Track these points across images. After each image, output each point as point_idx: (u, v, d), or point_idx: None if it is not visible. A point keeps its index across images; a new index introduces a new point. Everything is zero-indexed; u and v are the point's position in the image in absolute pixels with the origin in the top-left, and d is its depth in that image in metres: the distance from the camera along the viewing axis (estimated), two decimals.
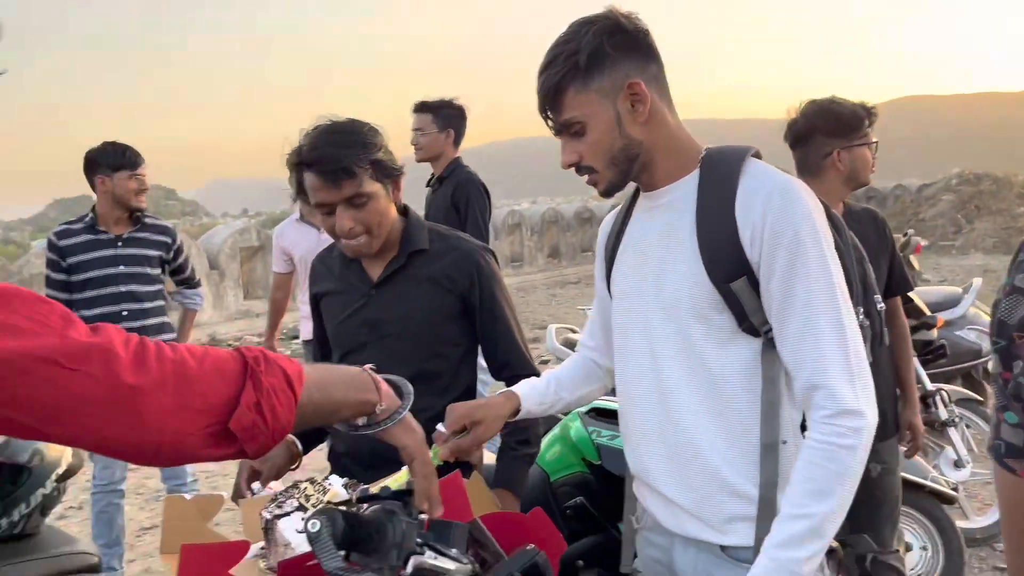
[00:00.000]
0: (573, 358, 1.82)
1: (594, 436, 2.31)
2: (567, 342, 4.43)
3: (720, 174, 1.38)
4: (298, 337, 8.48)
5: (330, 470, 2.01)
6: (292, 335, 8.82)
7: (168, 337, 3.65)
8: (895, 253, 2.72)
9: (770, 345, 1.38)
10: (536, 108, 1.46)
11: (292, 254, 4.28)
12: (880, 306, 1.67)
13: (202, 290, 4.08)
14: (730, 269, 1.35)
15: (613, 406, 2.31)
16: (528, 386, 1.72)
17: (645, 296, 1.47)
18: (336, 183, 1.79)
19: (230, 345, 10.01)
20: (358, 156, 1.79)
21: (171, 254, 3.71)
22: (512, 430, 1.99)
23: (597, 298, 1.72)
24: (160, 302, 3.65)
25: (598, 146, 1.40)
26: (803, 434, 1.39)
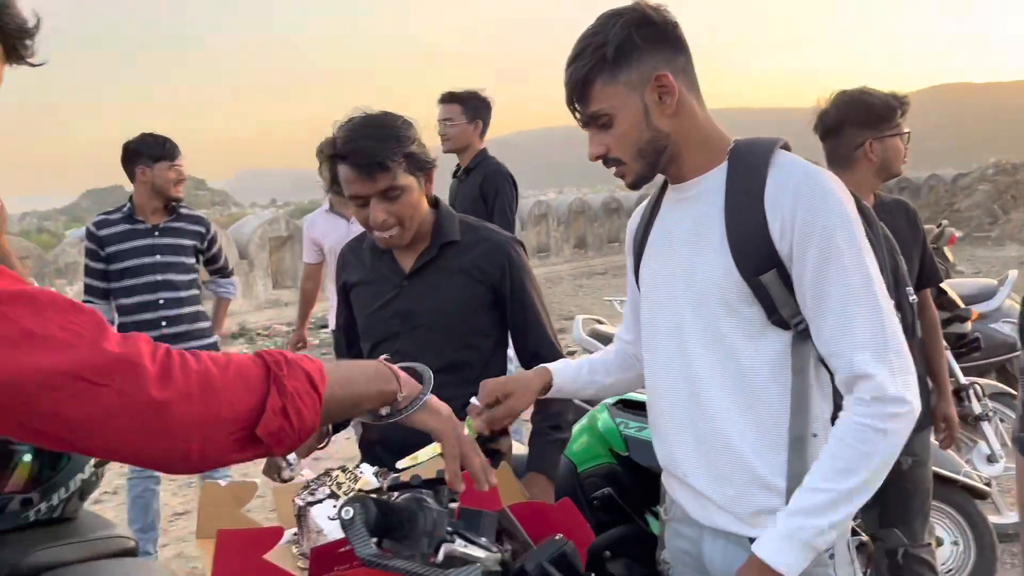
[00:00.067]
0: (610, 347, 1.83)
1: (622, 427, 2.31)
2: (594, 333, 4.43)
3: (748, 166, 1.38)
4: (327, 326, 8.56)
5: (361, 458, 2.04)
6: (320, 324, 8.90)
7: (203, 325, 3.72)
8: (926, 245, 2.70)
9: (800, 338, 1.37)
10: (562, 98, 1.46)
11: (322, 244, 4.32)
12: (912, 298, 1.66)
13: (235, 279, 4.14)
14: (759, 262, 1.35)
15: (641, 398, 2.31)
16: (561, 364, 1.75)
17: (674, 289, 1.47)
18: (371, 176, 1.81)
19: (259, 334, 10.13)
20: (392, 149, 1.80)
21: (205, 244, 3.77)
22: (544, 416, 2.01)
23: (629, 291, 1.73)
24: (195, 291, 3.70)
25: (625, 138, 1.40)
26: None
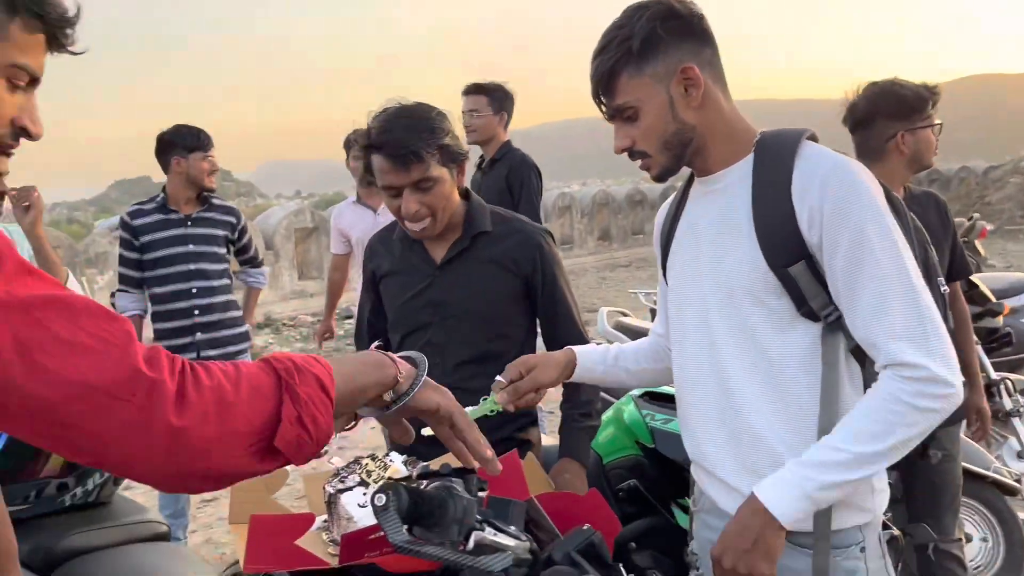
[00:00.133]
0: (644, 338, 1.83)
1: (648, 419, 2.31)
2: (619, 325, 4.43)
3: (775, 158, 1.37)
4: (351, 317, 8.62)
5: (389, 447, 2.06)
6: (345, 315, 8.96)
7: (235, 315, 3.76)
8: (956, 237, 2.67)
9: (830, 329, 1.37)
10: (586, 89, 1.47)
11: (349, 235, 4.35)
12: (944, 289, 1.64)
13: (265, 269, 4.19)
14: (788, 253, 1.34)
15: (667, 390, 2.31)
16: (586, 347, 1.76)
17: (702, 282, 1.47)
18: (405, 167, 1.82)
19: (284, 324, 10.21)
20: (427, 141, 1.81)
21: (236, 234, 3.81)
22: (573, 403, 2.02)
23: (660, 285, 1.73)
24: (227, 280, 3.75)
25: (651, 131, 1.40)
26: None
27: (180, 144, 3.58)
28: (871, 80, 2.56)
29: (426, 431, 1.48)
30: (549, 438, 2.21)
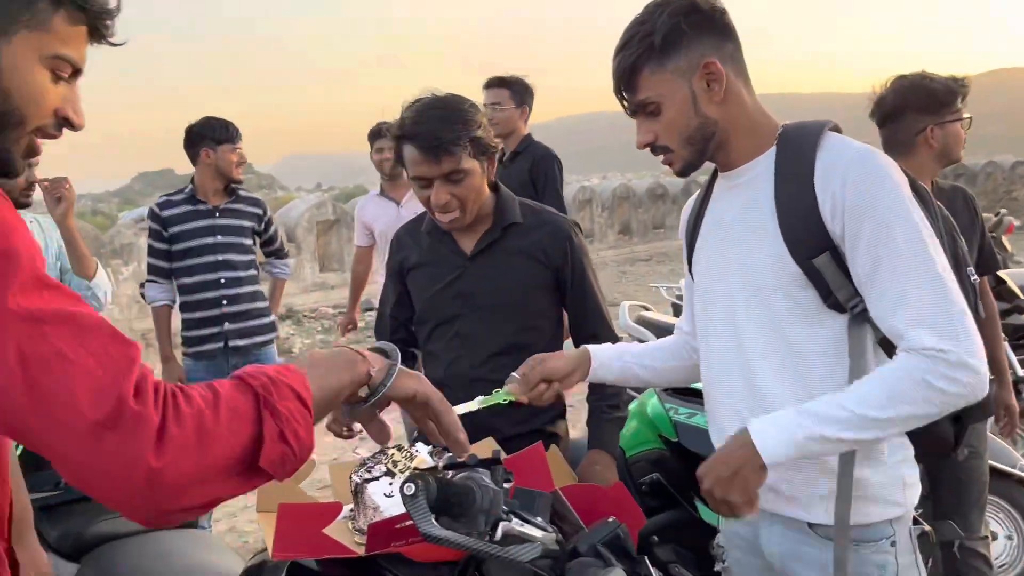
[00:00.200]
0: (666, 337, 1.83)
1: (671, 413, 2.31)
2: (641, 320, 4.42)
3: (797, 150, 1.37)
4: (372, 309, 8.65)
5: (414, 437, 2.07)
6: (367, 307, 9.00)
7: (262, 305, 3.80)
8: (985, 232, 2.64)
9: (856, 321, 1.36)
10: (604, 82, 1.47)
11: (373, 228, 4.37)
12: (973, 279, 1.62)
13: (290, 261, 4.22)
14: (812, 245, 1.34)
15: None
16: (602, 346, 1.75)
17: (728, 277, 1.47)
18: (436, 158, 1.82)
19: (306, 316, 10.27)
20: (459, 133, 1.82)
21: (262, 225, 3.85)
22: (600, 395, 2.02)
23: (687, 282, 1.73)
24: (253, 271, 3.79)
25: (673, 126, 1.40)
26: None
27: (209, 136, 3.62)
28: (899, 73, 2.53)
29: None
30: (574, 431, 2.21)
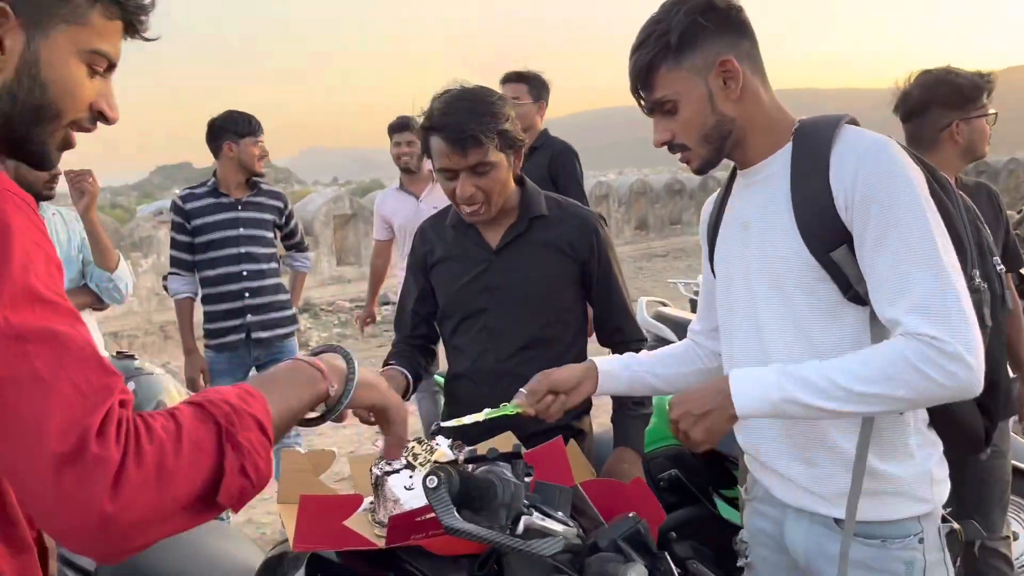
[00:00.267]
0: (675, 343, 1.83)
1: None
2: (658, 315, 4.40)
3: (813, 144, 1.37)
4: (388, 303, 8.68)
5: (432, 430, 2.07)
6: (383, 301, 9.03)
7: (283, 298, 3.82)
8: (1009, 229, 2.61)
9: None
10: (618, 77, 1.47)
11: (392, 222, 4.38)
12: (1000, 267, 1.60)
13: (311, 254, 4.24)
14: (829, 239, 1.33)
15: None
16: (607, 357, 1.75)
17: (748, 275, 1.47)
18: (463, 150, 1.82)
19: (323, 309, 10.32)
20: (487, 125, 1.82)
21: (283, 219, 3.87)
22: None
23: (704, 280, 1.72)
24: (274, 264, 3.81)
25: (690, 124, 1.41)
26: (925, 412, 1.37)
27: (232, 129, 3.64)
28: (923, 68, 2.50)
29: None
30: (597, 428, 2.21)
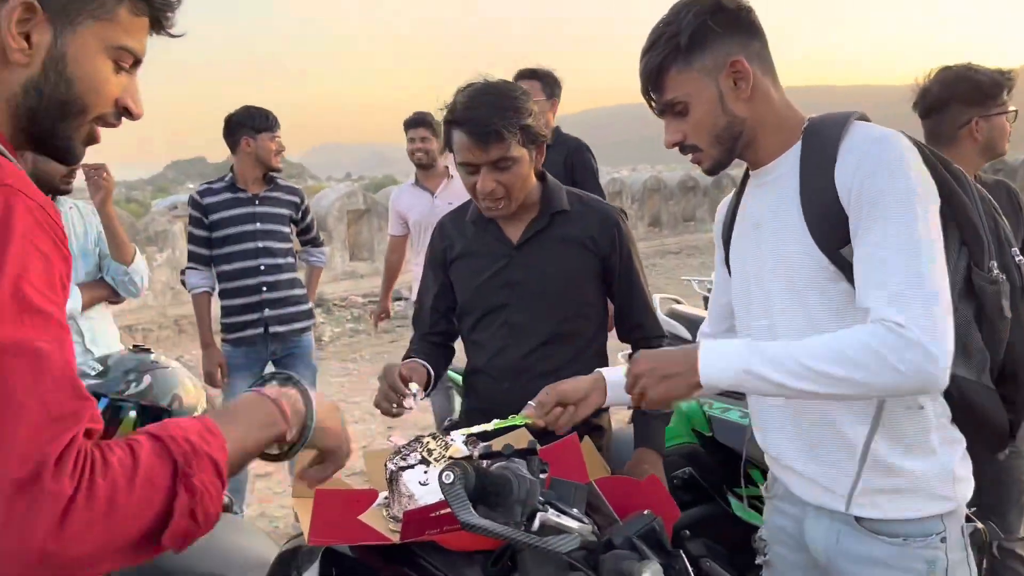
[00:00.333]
0: None
1: (705, 407, 2.29)
2: (672, 313, 4.39)
3: (821, 142, 1.37)
4: (401, 299, 8.69)
5: (446, 426, 2.08)
6: (396, 297, 9.04)
7: (300, 292, 3.83)
8: None
9: None
10: (629, 73, 1.46)
11: (407, 217, 4.39)
12: (1019, 259, 1.58)
13: (326, 249, 4.26)
14: (838, 236, 1.33)
15: None
16: (614, 368, 1.72)
17: (763, 276, 1.47)
18: (485, 145, 1.81)
19: (335, 304, 10.34)
20: (510, 120, 1.81)
21: (300, 214, 3.88)
22: None
23: (717, 282, 1.72)
24: (291, 259, 3.83)
25: (701, 124, 1.41)
26: (943, 399, 1.36)
27: (249, 125, 3.66)
28: (943, 65, 2.48)
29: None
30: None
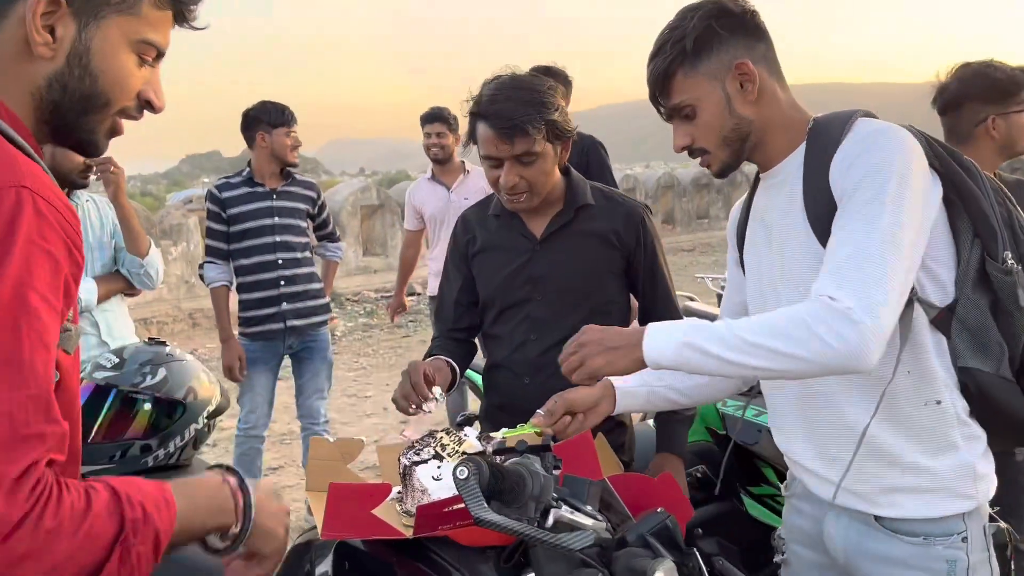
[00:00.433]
0: None
1: (719, 406, 2.28)
2: (686, 310, 4.37)
3: (824, 141, 1.37)
4: (413, 294, 8.71)
5: (458, 421, 2.08)
6: (410, 291, 9.06)
7: (317, 286, 3.86)
8: None
9: (907, 304, 1.31)
10: (639, 71, 1.47)
11: (423, 212, 4.40)
12: None
13: (342, 243, 4.27)
14: None
15: None
16: (623, 377, 1.69)
17: (773, 277, 1.47)
18: (509, 139, 1.80)
19: (348, 299, 10.37)
20: (535, 115, 1.80)
21: (316, 208, 3.91)
22: None
23: (730, 282, 1.71)
24: (308, 253, 3.85)
25: (709, 128, 1.41)
26: (960, 394, 1.35)
27: (265, 120, 3.68)
28: (963, 61, 2.46)
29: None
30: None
